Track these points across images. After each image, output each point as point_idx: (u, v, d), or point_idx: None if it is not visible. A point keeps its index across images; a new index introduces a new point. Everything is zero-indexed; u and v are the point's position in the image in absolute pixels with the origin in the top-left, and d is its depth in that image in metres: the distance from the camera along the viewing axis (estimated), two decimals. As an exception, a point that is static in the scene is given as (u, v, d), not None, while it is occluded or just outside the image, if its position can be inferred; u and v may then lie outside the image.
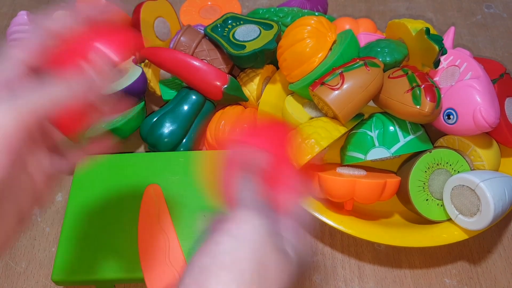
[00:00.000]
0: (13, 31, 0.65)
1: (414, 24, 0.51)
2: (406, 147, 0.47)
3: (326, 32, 0.51)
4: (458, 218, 0.46)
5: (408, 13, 0.78)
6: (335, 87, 0.45)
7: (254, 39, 0.56)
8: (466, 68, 0.48)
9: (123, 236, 0.46)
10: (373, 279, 0.49)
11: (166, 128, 0.53)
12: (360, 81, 0.45)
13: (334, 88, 0.45)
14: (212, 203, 0.48)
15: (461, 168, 0.48)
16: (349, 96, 0.45)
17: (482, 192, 0.43)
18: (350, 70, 0.46)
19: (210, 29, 0.58)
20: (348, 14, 0.78)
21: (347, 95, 0.45)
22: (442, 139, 0.51)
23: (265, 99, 0.56)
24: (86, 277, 0.44)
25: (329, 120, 0.48)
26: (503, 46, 0.73)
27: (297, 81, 0.53)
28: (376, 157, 0.47)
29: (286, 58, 0.52)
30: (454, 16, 0.78)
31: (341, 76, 0.46)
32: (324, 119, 0.48)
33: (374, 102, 0.51)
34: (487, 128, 0.45)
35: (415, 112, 0.44)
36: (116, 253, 0.45)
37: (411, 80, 0.46)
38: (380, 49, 0.51)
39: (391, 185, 0.46)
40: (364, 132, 0.49)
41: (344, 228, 0.46)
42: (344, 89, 0.45)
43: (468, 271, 0.50)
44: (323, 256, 0.50)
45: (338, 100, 0.45)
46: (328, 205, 0.48)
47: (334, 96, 0.45)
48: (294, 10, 0.60)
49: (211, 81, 0.54)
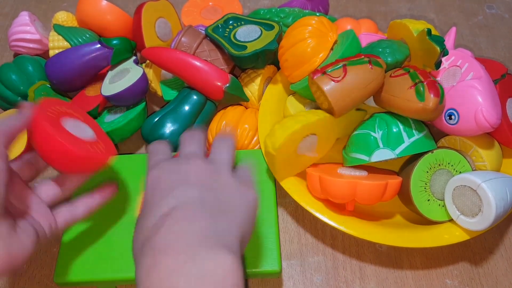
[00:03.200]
0: (15, 32, 0.65)
1: (416, 25, 0.51)
2: (411, 147, 0.47)
3: (327, 32, 0.51)
4: (459, 219, 0.46)
5: (409, 13, 0.78)
6: (336, 79, 0.45)
7: (255, 40, 0.56)
8: (467, 69, 0.48)
9: (125, 237, 0.46)
10: (374, 280, 0.49)
11: (167, 129, 0.53)
12: (362, 78, 0.45)
13: (335, 79, 0.45)
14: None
15: (462, 168, 0.48)
16: (348, 90, 0.45)
17: (484, 192, 0.43)
18: (354, 64, 0.46)
19: (211, 30, 0.58)
20: (349, 14, 0.78)
21: (346, 89, 0.45)
22: (444, 139, 0.51)
23: (266, 100, 0.56)
24: (88, 278, 0.44)
25: (315, 110, 0.48)
26: (504, 46, 0.73)
27: (299, 81, 0.53)
28: (381, 159, 0.47)
29: (287, 58, 0.52)
30: (455, 17, 0.78)
31: (344, 68, 0.45)
32: (312, 110, 0.48)
33: (375, 103, 0.51)
34: (489, 129, 0.45)
35: (419, 108, 0.44)
36: (118, 254, 0.45)
37: (413, 77, 0.46)
38: (381, 50, 0.50)
39: (393, 186, 0.46)
40: (367, 133, 0.48)
41: (345, 229, 0.46)
42: (344, 82, 0.45)
43: (469, 272, 0.50)
44: (324, 257, 0.50)
45: (336, 92, 0.45)
46: (329, 205, 0.48)
47: (333, 87, 0.45)
48: (295, 11, 0.60)
49: (212, 80, 0.54)
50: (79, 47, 0.56)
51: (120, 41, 0.56)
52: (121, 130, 0.54)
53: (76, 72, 0.56)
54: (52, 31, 0.63)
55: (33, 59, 0.60)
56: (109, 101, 0.54)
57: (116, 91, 0.53)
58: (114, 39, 0.56)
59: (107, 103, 0.57)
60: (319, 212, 0.47)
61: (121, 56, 0.57)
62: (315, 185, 0.46)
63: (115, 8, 0.62)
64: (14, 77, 0.57)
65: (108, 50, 0.56)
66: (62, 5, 0.79)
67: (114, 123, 0.54)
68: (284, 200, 0.55)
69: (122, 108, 0.57)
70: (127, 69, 0.56)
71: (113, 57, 0.56)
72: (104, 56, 0.56)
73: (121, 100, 0.53)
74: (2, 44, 0.73)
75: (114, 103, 0.55)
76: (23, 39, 0.65)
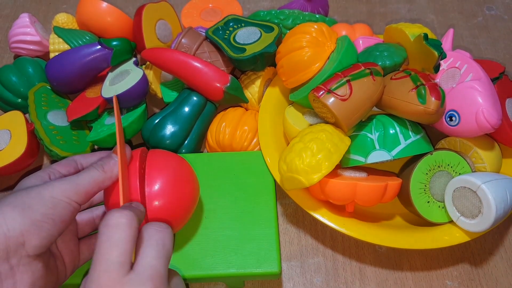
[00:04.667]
0: (15, 34, 0.65)
1: (412, 29, 0.51)
2: (407, 149, 0.47)
3: (325, 41, 0.50)
4: (459, 220, 0.46)
5: (409, 14, 0.78)
6: (344, 98, 0.45)
7: (254, 42, 0.56)
8: (466, 70, 0.48)
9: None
10: (374, 281, 0.49)
11: (167, 130, 0.54)
12: (367, 93, 0.45)
13: (342, 98, 0.45)
14: (212, 205, 0.48)
15: (462, 170, 0.48)
16: (356, 107, 0.45)
17: (484, 194, 0.43)
18: (357, 78, 0.46)
19: (211, 32, 0.58)
20: (349, 16, 0.78)
21: (354, 106, 0.45)
22: (444, 140, 0.51)
23: (266, 102, 0.56)
24: None
25: (333, 129, 0.47)
26: (504, 48, 0.73)
27: (297, 91, 0.53)
28: (377, 160, 0.47)
29: (282, 65, 0.52)
30: (455, 18, 0.78)
31: (349, 85, 0.45)
32: (328, 128, 0.47)
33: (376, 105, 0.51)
34: (490, 130, 0.45)
35: (420, 110, 0.44)
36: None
37: (415, 80, 0.46)
38: (379, 53, 0.50)
39: (392, 187, 0.46)
40: (364, 134, 0.49)
41: (345, 231, 0.46)
42: (352, 100, 0.45)
43: (469, 273, 0.50)
44: (324, 258, 0.51)
45: (345, 111, 0.45)
46: (329, 207, 0.48)
47: (342, 107, 0.45)
48: (295, 13, 0.60)
49: (212, 80, 0.54)
50: (78, 48, 0.56)
51: (120, 41, 0.56)
52: (121, 132, 0.54)
53: (76, 74, 0.56)
54: (53, 34, 0.63)
55: (34, 61, 0.60)
56: (109, 103, 0.54)
57: (116, 93, 0.53)
58: (114, 40, 0.56)
59: (107, 105, 0.57)
60: (319, 214, 0.47)
61: (121, 57, 0.57)
62: (315, 186, 0.47)
63: (116, 10, 0.62)
64: (14, 79, 0.57)
65: (108, 51, 0.55)
66: (62, 6, 0.79)
67: (115, 126, 0.54)
68: (284, 202, 0.55)
69: (122, 110, 0.57)
70: (127, 71, 0.56)
71: (113, 58, 0.56)
72: (104, 57, 0.56)
73: (121, 102, 0.53)
74: (2, 46, 0.73)
75: (114, 105, 0.55)
76: (24, 41, 0.65)
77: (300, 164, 0.44)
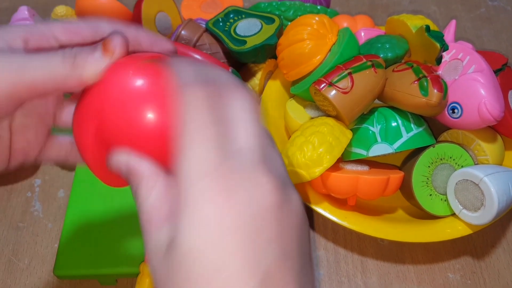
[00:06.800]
0: (14, 26, 0.64)
1: (414, 20, 0.50)
2: (409, 142, 0.47)
3: (326, 34, 0.50)
4: (462, 213, 0.46)
5: (411, 6, 0.78)
6: (345, 91, 0.44)
7: (255, 34, 0.55)
8: (469, 62, 0.47)
9: (125, 230, 0.46)
10: (376, 274, 0.49)
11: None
12: (369, 85, 0.45)
13: (344, 91, 0.44)
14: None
15: (464, 162, 0.48)
16: (358, 100, 0.45)
17: (486, 186, 0.43)
18: (359, 71, 0.45)
19: (211, 24, 0.58)
20: (351, 7, 0.77)
21: (356, 99, 0.45)
22: (446, 133, 0.51)
23: (267, 94, 0.56)
24: (88, 271, 0.44)
25: (334, 123, 0.47)
26: (507, 39, 0.73)
27: (299, 84, 0.52)
28: (379, 153, 0.47)
29: (284, 57, 0.51)
30: (457, 9, 0.77)
31: (351, 78, 0.45)
32: (329, 122, 0.46)
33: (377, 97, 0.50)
34: (492, 122, 0.44)
35: (422, 103, 0.44)
36: (118, 248, 0.45)
37: (417, 72, 0.45)
38: (380, 45, 0.50)
39: (394, 180, 0.46)
40: (366, 127, 0.48)
41: (347, 224, 0.46)
42: (353, 93, 0.44)
43: (471, 266, 0.49)
44: (326, 252, 0.50)
45: (347, 104, 0.44)
46: (331, 200, 0.48)
47: (343, 100, 0.44)
48: (296, 4, 0.60)
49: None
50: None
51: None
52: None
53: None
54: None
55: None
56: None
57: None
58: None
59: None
60: (321, 207, 0.47)
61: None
62: (316, 180, 0.46)
63: (115, 2, 0.62)
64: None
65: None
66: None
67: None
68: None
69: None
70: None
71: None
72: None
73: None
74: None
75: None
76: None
77: (301, 158, 0.43)
